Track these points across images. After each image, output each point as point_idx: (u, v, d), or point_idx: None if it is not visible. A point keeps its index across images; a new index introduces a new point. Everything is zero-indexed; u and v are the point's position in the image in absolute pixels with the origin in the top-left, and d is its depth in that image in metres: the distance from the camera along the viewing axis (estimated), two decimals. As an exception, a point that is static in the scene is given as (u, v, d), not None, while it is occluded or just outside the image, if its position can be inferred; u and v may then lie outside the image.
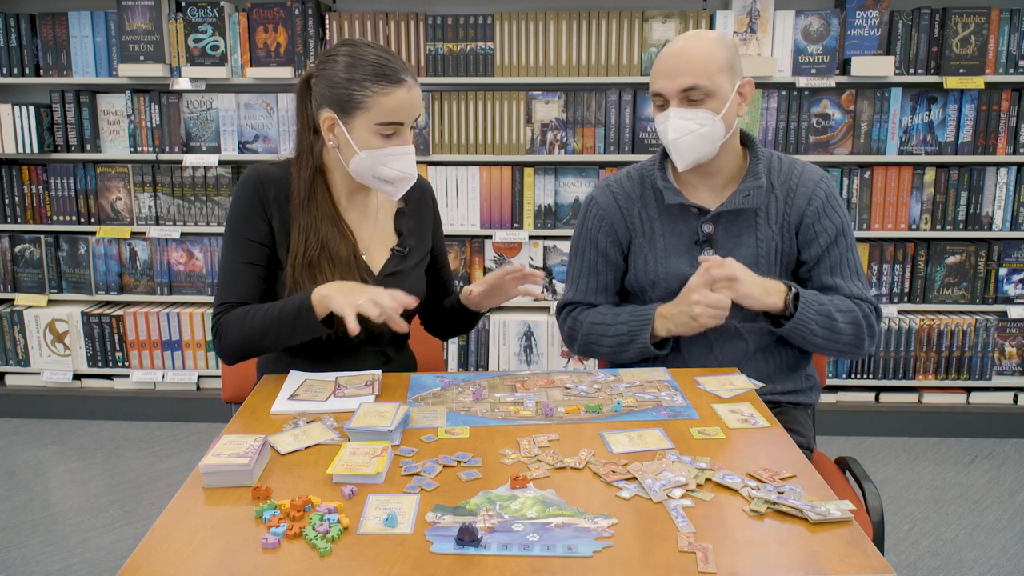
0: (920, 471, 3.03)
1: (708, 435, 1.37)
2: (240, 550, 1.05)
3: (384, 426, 1.33)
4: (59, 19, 3.29)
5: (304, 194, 1.67)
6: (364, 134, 1.60)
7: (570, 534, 1.07)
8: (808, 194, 1.73)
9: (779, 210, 1.74)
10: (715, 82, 1.65)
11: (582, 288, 1.86)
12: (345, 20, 3.18)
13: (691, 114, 1.66)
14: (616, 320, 1.77)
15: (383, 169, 1.62)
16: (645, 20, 3.13)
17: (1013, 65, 3.12)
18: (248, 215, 1.68)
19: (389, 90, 1.58)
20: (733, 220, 1.74)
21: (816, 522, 1.08)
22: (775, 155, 1.79)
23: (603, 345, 1.79)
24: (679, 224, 1.77)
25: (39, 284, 3.50)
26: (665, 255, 1.77)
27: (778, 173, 1.76)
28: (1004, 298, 3.28)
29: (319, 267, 1.66)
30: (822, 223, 1.73)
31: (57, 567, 2.44)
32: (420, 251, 1.82)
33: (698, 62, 1.64)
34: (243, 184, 1.69)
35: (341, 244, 1.68)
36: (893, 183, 3.21)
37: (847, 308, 1.69)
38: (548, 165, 3.28)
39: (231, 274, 1.68)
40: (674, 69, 1.66)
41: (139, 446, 3.27)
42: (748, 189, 1.72)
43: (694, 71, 1.64)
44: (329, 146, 1.66)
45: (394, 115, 1.60)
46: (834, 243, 1.73)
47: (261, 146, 3.33)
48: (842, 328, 1.68)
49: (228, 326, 1.64)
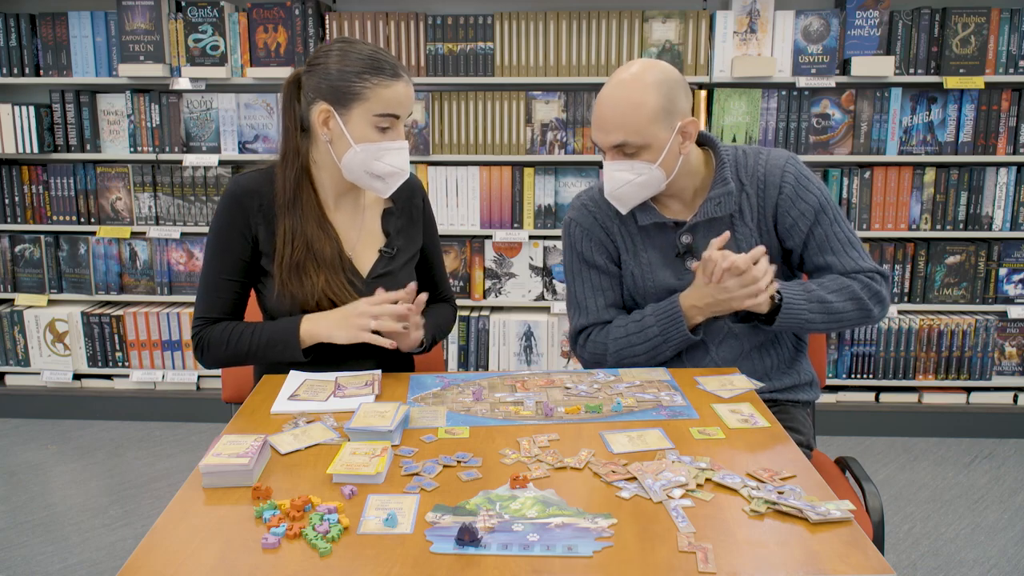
0: (920, 471, 3.03)
1: (708, 435, 1.37)
2: (240, 550, 1.05)
3: (384, 426, 1.33)
4: (59, 19, 3.29)
5: (289, 195, 1.68)
6: (361, 126, 1.61)
7: (570, 534, 1.07)
8: (777, 183, 1.71)
9: (753, 206, 1.72)
10: (646, 135, 1.60)
11: (592, 309, 1.81)
12: (345, 20, 3.18)
13: (626, 165, 1.64)
14: (644, 326, 1.73)
15: (377, 164, 1.63)
16: (645, 20, 3.13)
17: (1013, 65, 3.12)
18: (228, 232, 1.70)
19: (388, 82, 1.60)
20: (710, 227, 1.73)
21: (816, 522, 1.08)
22: (739, 150, 1.76)
23: (638, 354, 1.74)
24: (658, 238, 1.76)
25: (39, 284, 3.50)
26: (651, 269, 1.76)
27: (744, 169, 1.73)
28: (1004, 298, 3.28)
29: (305, 269, 1.67)
30: (798, 207, 1.70)
31: (57, 567, 2.44)
32: (409, 250, 1.82)
33: (627, 118, 1.59)
34: (224, 200, 1.70)
35: (326, 245, 1.68)
36: (893, 183, 3.21)
37: (840, 286, 1.67)
38: (548, 165, 3.28)
39: (212, 289, 1.72)
40: (604, 123, 1.62)
41: (139, 446, 3.27)
42: (718, 197, 1.70)
43: (623, 127, 1.60)
44: (322, 140, 1.65)
45: (392, 107, 1.61)
46: (816, 222, 1.70)
47: (261, 146, 3.33)
48: (840, 307, 1.65)
49: (211, 343, 1.71)
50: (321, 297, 1.67)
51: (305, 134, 1.70)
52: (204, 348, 1.72)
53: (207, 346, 1.71)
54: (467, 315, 3.36)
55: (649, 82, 1.60)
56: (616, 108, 1.61)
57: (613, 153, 1.65)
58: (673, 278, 1.75)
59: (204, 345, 1.71)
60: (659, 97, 1.60)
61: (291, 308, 1.68)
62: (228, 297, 1.72)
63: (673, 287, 1.74)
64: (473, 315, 3.37)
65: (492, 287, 3.36)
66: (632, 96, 1.60)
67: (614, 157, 1.65)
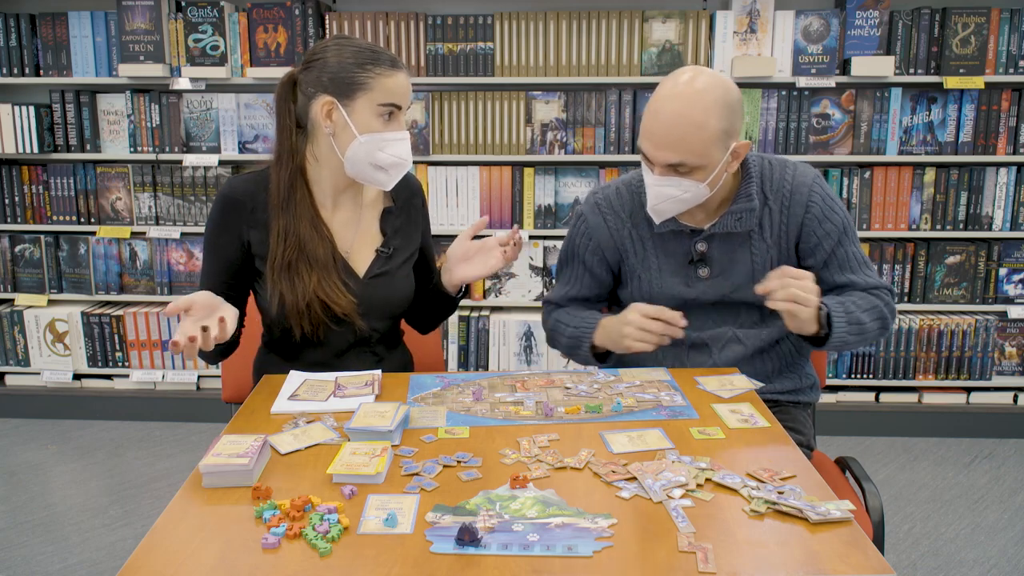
0: (920, 471, 3.03)
1: (708, 435, 1.37)
2: (240, 550, 1.05)
3: (384, 426, 1.33)
4: (59, 19, 3.29)
5: (284, 195, 1.68)
6: (365, 116, 1.61)
7: (570, 534, 1.07)
8: (804, 202, 1.69)
9: (775, 222, 1.71)
10: (704, 156, 1.54)
11: (561, 292, 1.89)
12: (345, 20, 3.18)
13: (674, 182, 1.58)
14: (571, 322, 1.80)
15: (380, 155, 1.63)
16: (645, 20, 3.13)
17: (1013, 65, 3.12)
18: (221, 235, 1.71)
19: (391, 72, 1.62)
20: (727, 238, 1.72)
21: (816, 522, 1.08)
22: (765, 161, 1.73)
23: (560, 344, 1.85)
24: (671, 243, 1.75)
25: (39, 284, 3.50)
26: (659, 275, 1.76)
27: (770, 183, 1.71)
28: (1004, 298, 3.28)
29: (297, 269, 1.67)
30: (824, 228, 1.70)
31: (57, 567, 2.44)
32: (407, 250, 1.82)
33: (688, 139, 1.52)
34: (217, 203, 1.71)
35: (319, 245, 1.68)
36: (893, 183, 3.21)
37: (870, 305, 1.68)
38: (548, 165, 3.28)
39: (209, 286, 1.72)
40: (661, 141, 1.54)
41: (139, 446, 3.27)
42: (740, 212, 1.68)
43: (681, 148, 1.53)
44: (324, 135, 1.65)
45: (395, 96, 1.62)
46: (839, 243, 1.71)
47: (261, 146, 3.33)
48: (870, 327, 1.67)
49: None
50: (312, 298, 1.66)
51: (302, 132, 1.69)
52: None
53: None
54: (467, 315, 3.36)
55: (711, 102, 1.52)
56: (676, 127, 1.52)
57: (663, 170, 1.57)
58: (682, 285, 1.74)
59: None
60: (721, 120, 1.52)
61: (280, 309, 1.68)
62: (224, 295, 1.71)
63: (682, 294, 1.73)
64: (473, 315, 3.37)
65: (492, 287, 3.36)
66: (695, 116, 1.51)
67: (664, 173, 1.57)
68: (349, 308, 1.68)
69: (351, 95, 1.61)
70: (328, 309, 1.67)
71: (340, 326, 1.70)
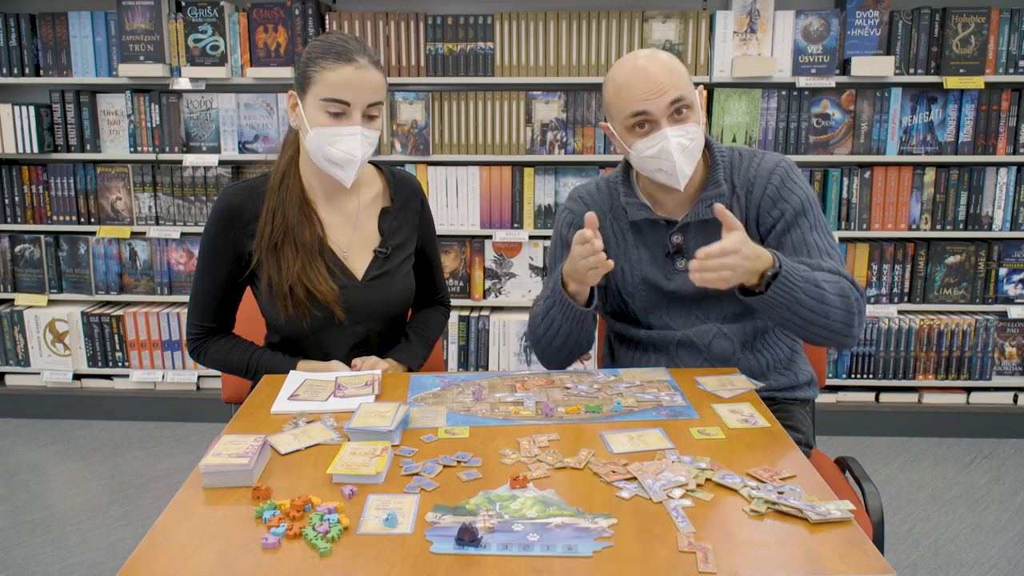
0: (920, 471, 3.03)
1: (708, 435, 1.36)
2: (240, 550, 1.05)
3: (384, 426, 1.33)
4: (59, 19, 3.29)
5: (278, 178, 1.72)
6: (313, 111, 1.63)
7: (570, 534, 1.07)
8: (764, 184, 1.69)
9: (742, 208, 1.71)
10: (691, 92, 1.63)
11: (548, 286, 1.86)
12: (345, 20, 3.18)
13: (682, 131, 1.62)
14: (543, 295, 1.74)
15: (330, 150, 1.63)
16: (645, 20, 3.13)
17: (1013, 65, 3.12)
18: (216, 245, 1.73)
19: (335, 66, 1.60)
20: (702, 228, 1.71)
21: (816, 522, 1.08)
22: (736, 152, 1.75)
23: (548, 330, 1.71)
24: (649, 236, 1.76)
25: (39, 284, 3.50)
26: (640, 266, 1.76)
27: (738, 171, 1.72)
28: (1004, 298, 3.28)
29: (282, 251, 1.69)
30: (778, 208, 1.68)
31: (57, 567, 2.44)
32: (405, 250, 1.83)
33: (677, 73, 1.61)
34: (214, 214, 1.73)
35: (306, 230, 1.70)
36: (893, 183, 3.21)
37: (832, 278, 1.58)
38: (548, 165, 3.28)
39: (203, 298, 1.78)
40: (658, 85, 1.60)
41: (139, 446, 3.27)
42: (710, 198, 1.68)
43: (676, 85, 1.60)
44: (292, 125, 1.71)
45: (337, 91, 1.60)
46: (794, 223, 1.66)
47: (261, 146, 3.33)
48: (830, 299, 1.55)
49: (209, 357, 1.80)
50: (295, 281, 1.68)
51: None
52: (200, 357, 1.82)
53: (204, 355, 1.81)
54: (467, 315, 3.36)
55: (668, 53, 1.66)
56: (663, 68, 1.61)
57: (670, 118, 1.61)
58: (661, 276, 1.75)
59: (201, 355, 1.81)
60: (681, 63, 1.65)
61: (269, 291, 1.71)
62: (219, 305, 1.79)
63: (661, 286, 1.74)
64: (473, 315, 3.37)
65: (492, 287, 3.36)
66: (665, 58, 1.63)
67: (672, 122, 1.61)
68: (331, 296, 1.69)
69: (305, 90, 1.64)
70: (311, 295, 1.69)
71: (323, 313, 1.71)
